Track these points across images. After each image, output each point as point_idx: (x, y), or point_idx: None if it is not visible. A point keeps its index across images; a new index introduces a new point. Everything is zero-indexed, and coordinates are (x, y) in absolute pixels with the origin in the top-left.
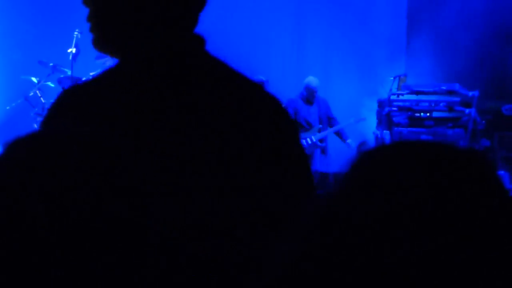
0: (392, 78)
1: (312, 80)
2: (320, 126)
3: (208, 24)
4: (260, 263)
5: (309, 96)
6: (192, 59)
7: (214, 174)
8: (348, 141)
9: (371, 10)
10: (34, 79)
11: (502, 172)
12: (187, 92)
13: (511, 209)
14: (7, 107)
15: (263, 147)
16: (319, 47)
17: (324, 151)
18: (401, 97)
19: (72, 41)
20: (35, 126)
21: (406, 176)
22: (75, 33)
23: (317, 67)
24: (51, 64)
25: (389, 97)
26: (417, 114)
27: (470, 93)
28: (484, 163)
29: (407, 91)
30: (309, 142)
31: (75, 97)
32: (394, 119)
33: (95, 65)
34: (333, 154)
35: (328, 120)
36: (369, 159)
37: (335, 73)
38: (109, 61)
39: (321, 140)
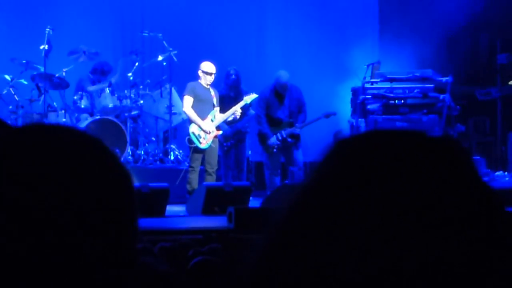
0: (365, 66)
1: (282, 75)
2: (292, 120)
3: (181, 20)
4: None
5: (280, 90)
6: None
7: None
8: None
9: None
10: (7, 77)
11: (477, 157)
12: None
13: (485, 196)
14: None
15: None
16: (291, 36)
17: (296, 145)
18: (375, 85)
19: (44, 38)
20: (8, 123)
21: (378, 166)
22: (47, 30)
23: (289, 56)
24: (23, 61)
25: (363, 85)
26: (392, 102)
27: (444, 79)
28: (458, 150)
29: (381, 79)
30: (280, 138)
31: None
32: (368, 107)
33: (68, 61)
34: (309, 143)
35: (299, 108)
36: (342, 148)
37: (308, 62)
38: (82, 57)
39: (292, 136)
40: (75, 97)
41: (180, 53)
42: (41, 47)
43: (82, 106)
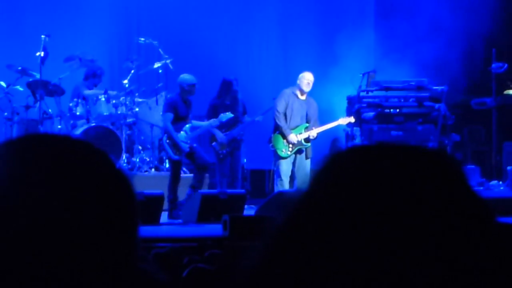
0: (361, 74)
1: (306, 74)
2: (307, 125)
3: (180, 26)
4: None
5: (303, 87)
6: None
7: None
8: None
9: (339, 6)
10: (3, 83)
11: (472, 166)
12: None
13: (476, 208)
14: None
15: None
16: (287, 44)
17: (307, 154)
18: (370, 94)
19: (40, 45)
20: (3, 129)
21: (373, 179)
22: (43, 36)
23: (285, 64)
24: (19, 68)
25: (358, 93)
26: (387, 110)
27: (439, 88)
28: (450, 164)
29: (377, 87)
30: (295, 142)
31: None
32: (364, 115)
33: (63, 68)
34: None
35: (315, 123)
36: (338, 161)
37: (304, 70)
38: (77, 64)
39: (306, 140)
40: (71, 104)
41: (176, 61)
42: (37, 54)
43: (78, 113)
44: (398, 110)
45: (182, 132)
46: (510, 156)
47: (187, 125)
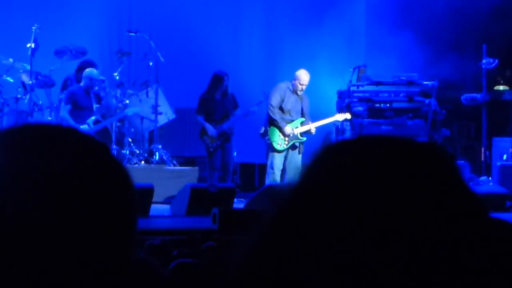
0: (351, 69)
1: (303, 74)
2: (303, 119)
3: (171, 23)
4: None
5: (297, 88)
6: None
7: None
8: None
9: (330, 1)
10: None
11: (462, 161)
12: None
13: (469, 202)
14: None
15: None
16: (277, 37)
17: (299, 149)
18: (361, 88)
19: (31, 36)
20: None
21: (364, 172)
22: (34, 27)
23: (276, 57)
24: (10, 59)
25: (349, 88)
26: (377, 105)
27: (430, 83)
28: (443, 157)
29: (367, 82)
30: (290, 135)
31: None
32: (354, 110)
33: (54, 59)
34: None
35: (308, 118)
36: (330, 154)
37: (294, 65)
38: (68, 56)
39: (302, 135)
40: (61, 96)
41: (166, 53)
42: (28, 45)
43: None
44: (388, 105)
45: (85, 125)
46: (499, 151)
47: (92, 118)
